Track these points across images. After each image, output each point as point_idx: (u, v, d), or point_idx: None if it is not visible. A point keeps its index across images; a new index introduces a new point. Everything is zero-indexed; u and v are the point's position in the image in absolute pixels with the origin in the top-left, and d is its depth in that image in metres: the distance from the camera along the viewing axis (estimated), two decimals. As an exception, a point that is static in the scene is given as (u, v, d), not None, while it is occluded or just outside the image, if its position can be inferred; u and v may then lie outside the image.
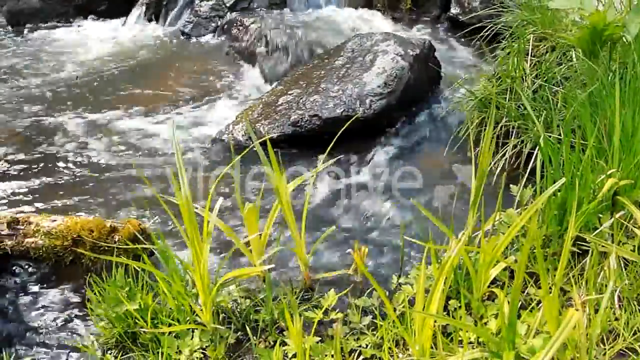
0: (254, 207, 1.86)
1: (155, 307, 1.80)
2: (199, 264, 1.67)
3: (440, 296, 1.48)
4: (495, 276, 1.78)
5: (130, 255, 2.02)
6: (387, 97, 2.96)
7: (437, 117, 3.17)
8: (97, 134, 3.19)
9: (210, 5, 4.40)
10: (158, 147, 3.05)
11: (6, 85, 3.82)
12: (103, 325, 1.85)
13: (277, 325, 1.83)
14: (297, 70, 3.36)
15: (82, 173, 2.86)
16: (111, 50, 4.25)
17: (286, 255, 2.17)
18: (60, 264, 2.13)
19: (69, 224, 2.12)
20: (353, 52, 3.23)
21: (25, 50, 4.38)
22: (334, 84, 3.02)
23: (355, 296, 1.94)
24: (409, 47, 3.20)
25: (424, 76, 3.24)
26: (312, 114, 2.90)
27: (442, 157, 2.84)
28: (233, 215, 2.32)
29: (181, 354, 1.72)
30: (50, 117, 3.39)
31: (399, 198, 2.60)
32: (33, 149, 3.09)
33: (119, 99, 3.56)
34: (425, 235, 1.83)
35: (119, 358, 1.77)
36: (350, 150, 2.83)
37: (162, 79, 3.75)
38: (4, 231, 2.13)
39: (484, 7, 3.76)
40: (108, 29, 4.57)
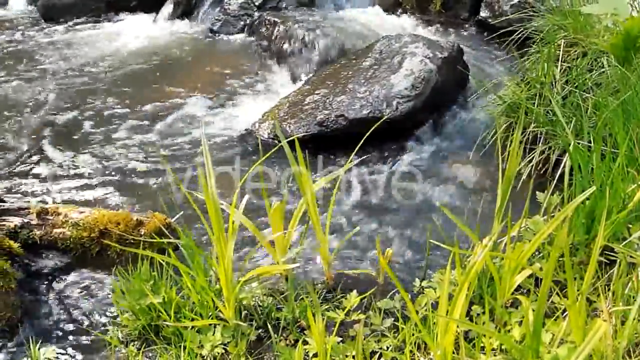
0: (279, 206, 1.87)
1: (179, 301, 1.82)
2: (223, 260, 1.68)
3: (463, 301, 1.47)
4: (519, 283, 1.77)
5: (155, 248, 2.04)
6: (414, 100, 2.95)
7: (463, 121, 3.14)
8: (126, 129, 3.24)
9: (239, 3, 4.43)
10: (185, 144, 3.08)
11: (37, 79, 3.90)
12: (127, 317, 1.88)
13: (298, 324, 1.83)
14: (324, 70, 3.37)
15: (110, 166, 2.91)
16: (141, 46, 4.30)
17: (309, 254, 2.18)
18: (87, 254, 2.17)
19: (96, 216, 2.16)
20: (381, 53, 3.22)
21: (58, 44, 4.46)
22: (361, 85, 3.01)
23: (377, 298, 1.93)
24: (438, 50, 3.19)
25: (452, 79, 3.22)
26: (338, 114, 2.90)
27: (468, 161, 2.82)
28: (258, 212, 2.33)
29: (203, 349, 1.73)
30: (80, 110, 3.45)
31: (423, 201, 2.59)
32: (63, 141, 3.15)
33: (147, 94, 3.60)
34: (450, 239, 1.82)
35: (142, 350, 1.80)
36: (376, 152, 2.83)
37: (190, 76, 3.79)
38: (34, 221, 2.17)
39: (514, 10, 3.73)
40: (139, 25, 4.63)
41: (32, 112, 3.47)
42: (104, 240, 2.09)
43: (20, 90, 3.74)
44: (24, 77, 3.93)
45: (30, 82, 3.86)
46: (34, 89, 3.75)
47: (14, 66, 4.10)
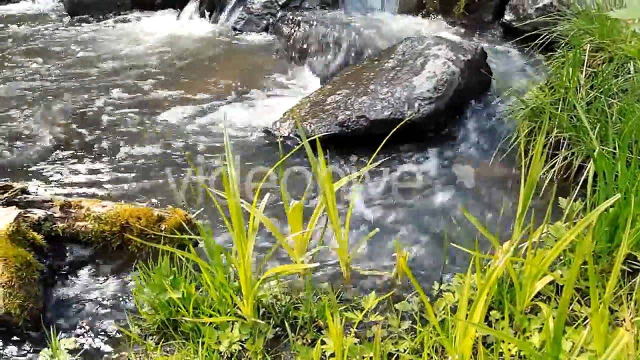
0: (299, 205, 1.87)
1: (198, 297, 1.83)
2: (243, 258, 1.69)
3: (483, 306, 1.46)
4: (539, 290, 1.75)
5: (175, 244, 2.06)
6: (436, 102, 2.94)
7: (485, 124, 3.12)
8: (148, 124, 3.27)
9: (263, 2, 4.45)
10: (206, 140, 3.10)
11: (62, 73, 3.96)
12: (146, 311, 1.89)
13: (315, 324, 1.84)
14: (346, 71, 3.37)
15: (132, 161, 2.94)
16: (164, 43, 4.35)
17: (328, 254, 2.18)
18: (108, 248, 2.19)
19: (118, 211, 2.18)
20: (404, 54, 3.21)
21: (83, 40, 4.52)
22: (383, 86, 3.01)
23: (394, 300, 1.93)
24: (461, 52, 3.17)
25: (475, 82, 3.20)
26: (360, 115, 2.90)
27: (490, 165, 2.80)
28: (277, 211, 2.33)
29: (220, 345, 1.74)
30: (104, 105, 3.49)
31: (443, 204, 2.58)
32: (87, 135, 3.19)
33: (170, 91, 3.64)
34: (469, 242, 1.81)
35: (160, 344, 1.81)
36: (396, 153, 2.83)
37: (212, 74, 3.82)
38: (57, 214, 2.20)
39: (539, 14, 3.69)
40: (162, 22, 4.68)
41: (56, 105, 3.52)
42: (125, 235, 2.11)
43: (44, 84, 3.80)
44: (48, 71, 4.00)
45: (53, 76, 3.91)
46: (57, 83, 3.80)
47: (39, 60, 4.17)
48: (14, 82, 3.83)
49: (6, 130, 3.24)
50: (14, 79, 3.88)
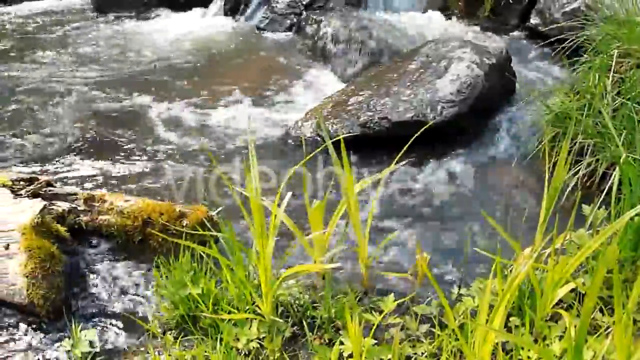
0: (320, 205, 1.87)
1: (217, 293, 1.85)
2: (263, 256, 1.70)
3: (503, 312, 1.45)
4: (560, 297, 1.73)
5: (196, 240, 2.07)
6: (459, 105, 2.92)
7: (508, 129, 3.10)
8: (171, 121, 3.31)
9: (287, 2, 4.46)
10: (228, 138, 3.12)
11: (87, 69, 4.01)
12: (166, 305, 1.91)
13: (333, 324, 1.84)
14: (369, 72, 3.37)
15: (154, 157, 2.97)
16: (189, 41, 4.38)
17: (347, 254, 2.18)
18: (129, 242, 2.21)
19: (140, 205, 2.20)
20: (427, 57, 3.20)
21: (108, 36, 4.58)
22: (406, 88, 3.00)
23: (413, 302, 1.92)
24: (485, 56, 3.15)
25: (499, 86, 3.18)
26: (382, 117, 2.89)
27: (512, 170, 2.78)
28: (298, 210, 2.34)
29: (238, 342, 1.75)
30: (128, 101, 3.53)
31: (463, 207, 2.56)
32: (110, 130, 3.23)
33: (193, 88, 3.67)
34: (489, 246, 1.80)
35: (180, 339, 1.83)
36: (418, 156, 2.81)
37: (235, 72, 3.84)
38: (81, 207, 2.22)
39: (566, 18, 3.65)
40: (187, 20, 4.72)
41: (82, 100, 3.57)
42: (147, 230, 2.13)
43: (70, 79, 3.85)
44: (73, 66, 4.05)
45: (78, 71, 3.97)
46: (81, 78, 3.85)
47: (64, 55, 4.23)
48: (39, 77, 3.89)
49: (31, 125, 3.30)
50: (39, 74, 3.94)
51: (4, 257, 1.95)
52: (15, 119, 3.36)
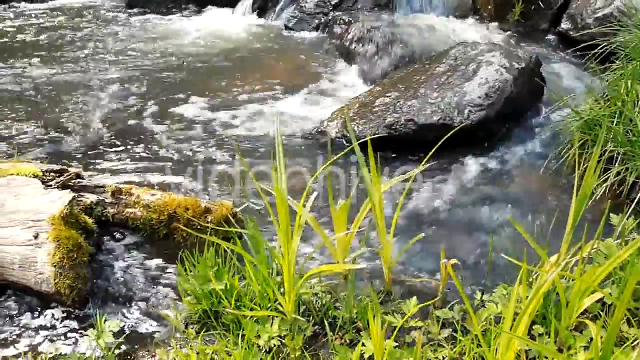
0: (345, 206, 1.87)
1: (240, 290, 1.86)
2: (287, 255, 1.71)
3: (527, 320, 1.44)
4: (585, 307, 1.71)
5: (220, 236, 2.08)
6: (487, 109, 2.89)
7: (536, 135, 3.06)
8: (199, 117, 3.34)
9: (316, 2, 4.47)
10: (254, 137, 3.14)
11: (117, 64, 4.07)
12: (189, 300, 1.93)
13: (355, 325, 1.84)
14: (396, 74, 3.36)
15: (182, 153, 3.00)
16: (218, 38, 4.42)
17: (370, 256, 2.17)
18: (155, 236, 2.24)
19: (167, 200, 2.22)
20: (456, 60, 3.18)
21: (138, 33, 4.63)
22: (434, 91, 2.98)
23: (435, 307, 1.91)
24: (515, 60, 3.12)
25: (527, 91, 3.14)
26: (408, 119, 2.88)
27: (539, 176, 2.75)
28: (322, 210, 2.35)
29: (260, 339, 1.76)
30: (156, 97, 3.57)
31: (489, 212, 2.54)
32: (137, 125, 3.27)
33: (221, 85, 3.69)
34: (514, 253, 1.78)
35: (202, 334, 1.84)
36: (443, 159, 2.80)
37: (262, 71, 3.86)
38: (108, 199, 2.26)
39: (598, 24, 3.60)
40: (217, 17, 4.76)
41: (111, 95, 3.62)
42: (173, 224, 2.15)
43: (99, 74, 3.91)
44: (104, 61, 4.11)
45: (109, 66, 4.03)
46: (111, 74, 3.91)
47: (95, 51, 4.29)
48: (69, 73, 3.96)
49: (61, 118, 3.36)
50: (69, 69, 4.01)
51: (33, 246, 1.99)
52: (45, 113, 3.42)
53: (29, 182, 2.16)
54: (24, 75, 3.91)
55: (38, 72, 3.95)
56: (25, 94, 3.65)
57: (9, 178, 2.16)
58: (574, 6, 3.97)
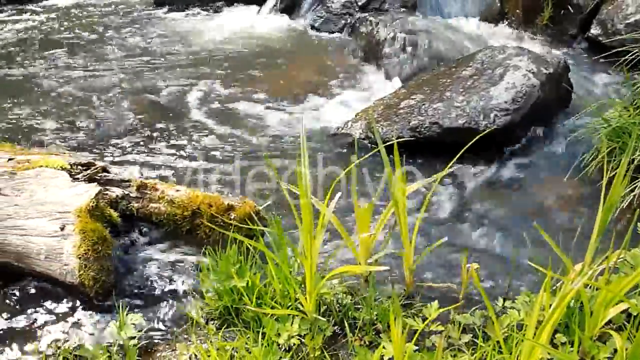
0: (368, 207, 1.87)
1: (261, 288, 1.86)
2: (309, 254, 1.71)
3: (550, 328, 1.42)
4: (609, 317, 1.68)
5: (242, 234, 2.09)
6: (513, 114, 2.87)
7: (562, 141, 3.03)
8: (223, 114, 3.36)
9: (342, 2, 4.47)
10: (277, 135, 3.15)
11: (142, 60, 4.11)
12: (210, 296, 1.94)
13: (374, 327, 1.83)
14: (422, 76, 3.34)
15: (205, 149, 3.03)
16: (243, 36, 4.44)
17: (392, 258, 2.17)
18: (178, 231, 2.25)
19: (190, 196, 2.24)
20: (483, 63, 3.15)
21: (165, 29, 4.68)
22: (459, 94, 2.96)
23: (456, 311, 1.90)
24: (543, 65, 3.08)
25: (554, 96, 3.11)
26: (433, 122, 2.87)
27: (564, 183, 2.71)
28: (345, 210, 2.35)
29: (279, 337, 1.76)
30: (181, 93, 3.61)
31: (512, 218, 2.52)
32: (162, 121, 3.31)
33: (246, 83, 3.72)
34: (536, 260, 1.76)
35: (222, 331, 1.85)
36: (467, 162, 2.78)
37: (287, 70, 3.87)
38: (133, 193, 2.28)
39: (629, 30, 3.55)
40: (243, 16, 4.79)
41: (136, 90, 3.66)
42: (196, 220, 2.17)
43: (126, 69, 3.96)
44: (129, 56, 4.16)
45: (134, 63, 4.07)
46: (137, 70, 3.95)
47: (122, 46, 4.35)
48: (96, 67, 4.01)
49: (89, 113, 3.40)
50: (96, 63, 4.06)
51: (59, 237, 2.02)
52: (72, 107, 3.48)
53: (57, 175, 2.19)
54: (52, 69, 3.97)
55: (64, 66, 4.01)
56: (53, 88, 3.71)
57: (38, 170, 2.19)
58: (604, 11, 3.92)
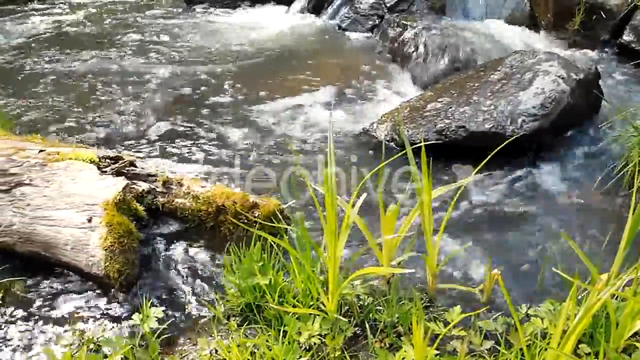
0: (394, 209, 1.86)
1: (283, 286, 1.87)
2: (333, 255, 1.71)
3: (575, 338, 1.40)
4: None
5: (266, 232, 2.10)
6: (541, 120, 2.83)
7: (590, 148, 2.98)
8: (250, 111, 3.38)
9: (370, 3, 4.47)
10: (304, 133, 3.15)
11: (172, 57, 4.15)
12: (232, 292, 1.95)
13: (395, 329, 1.83)
14: (449, 79, 3.32)
15: (232, 146, 3.04)
16: (271, 36, 4.46)
17: (415, 261, 2.16)
18: (202, 227, 2.27)
19: (215, 192, 2.25)
20: (512, 68, 3.12)
21: (195, 27, 4.72)
22: (487, 98, 2.94)
23: (478, 317, 1.88)
24: (573, 71, 3.04)
25: (584, 103, 3.06)
26: (459, 125, 2.84)
27: (591, 192, 2.67)
28: (369, 211, 2.34)
29: (300, 336, 1.77)
30: (207, 90, 3.64)
31: (537, 225, 2.48)
32: (189, 117, 3.34)
33: (273, 82, 3.73)
34: (561, 269, 1.73)
35: (244, 327, 1.86)
36: (493, 167, 2.75)
37: (314, 69, 3.88)
38: (159, 188, 2.30)
39: (664, 37, 3.48)
40: (271, 14, 4.82)
41: (164, 86, 3.70)
42: (220, 217, 2.18)
43: (154, 66, 4.01)
44: (158, 54, 4.21)
45: (163, 59, 4.12)
46: (166, 66, 4.00)
47: (151, 43, 4.40)
48: (126, 63, 4.06)
49: (118, 108, 3.45)
50: (126, 60, 4.12)
51: (86, 228, 2.05)
52: (102, 102, 3.53)
53: (85, 167, 2.22)
54: (81, 63, 4.03)
55: (93, 61, 4.07)
56: (83, 83, 3.77)
57: (68, 162, 2.23)
58: (637, 17, 3.85)
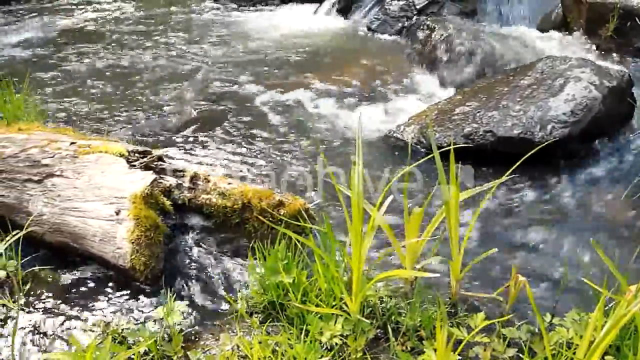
0: (419, 213, 1.86)
1: (307, 285, 1.87)
2: (358, 256, 1.71)
3: (602, 349, 1.38)
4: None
5: (291, 230, 2.11)
6: (571, 127, 2.79)
7: (621, 157, 2.93)
8: (278, 110, 3.40)
9: (400, 5, 4.45)
10: (331, 133, 3.16)
11: (201, 54, 4.19)
12: (256, 289, 1.96)
13: (417, 333, 1.82)
14: (478, 83, 3.29)
15: (259, 144, 3.06)
16: (300, 35, 4.48)
17: (439, 265, 2.14)
18: (227, 224, 2.28)
19: (242, 189, 2.27)
20: (542, 73, 3.08)
21: (224, 25, 4.77)
22: (516, 103, 2.91)
23: (501, 324, 1.86)
24: (605, 78, 2.99)
25: (616, 111, 3.01)
26: (487, 130, 2.82)
27: (620, 201, 2.63)
28: (394, 215, 2.34)
29: (322, 336, 1.77)
30: (238, 88, 3.67)
31: (564, 234, 2.45)
32: (218, 114, 3.37)
33: (301, 82, 3.75)
34: (593, 278, 1.71)
35: (266, 325, 1.87)
36: (520, 174, 2.71)
37: (342, 70, 3.88)
38: (186, 184, 2.33)
39: (701, 45, 3.40)
40: (300, 14, 4.84)
41: (194, 83, 3.74)
42: (246, 213, 2.19)
43: (185, 62, 4.05)
44: (189, 51, 4.25)
45: (193, 56, 4.16)
46: (197, 63, 4.04)
47: (182, 40, 4.45)
48: (157, 60, 4.12)
49: (149, 103, 3.50)
50: (157, 56, 4.17)
51: (114, 221, 2.08)
52: (134, 97, 3.58)
53: (115, 161, 2.26)
54: (113, 60, 4.09)
55: (125, 57, 4.13)
56: (112, 79, 3.83)
57: (98, 155, 2.27)
58: (674, 25, 3.78)
